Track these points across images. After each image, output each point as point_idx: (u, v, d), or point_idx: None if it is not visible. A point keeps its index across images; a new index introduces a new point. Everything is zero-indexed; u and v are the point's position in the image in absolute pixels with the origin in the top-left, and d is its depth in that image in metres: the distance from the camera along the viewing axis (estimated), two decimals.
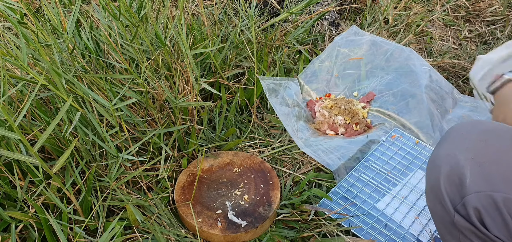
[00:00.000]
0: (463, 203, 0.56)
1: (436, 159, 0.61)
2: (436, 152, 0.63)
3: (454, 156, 0.59)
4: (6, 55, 0.70)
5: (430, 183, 0.62)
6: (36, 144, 0.66)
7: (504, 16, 1.53)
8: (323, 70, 1.23)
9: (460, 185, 0.56)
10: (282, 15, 1.26)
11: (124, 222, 0.78)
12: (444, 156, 0.60)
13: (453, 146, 0.61)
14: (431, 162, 0.63)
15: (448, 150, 0.60)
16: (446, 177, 0.58)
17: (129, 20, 0.87)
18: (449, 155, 0.59)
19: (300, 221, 0.86)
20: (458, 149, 0.59)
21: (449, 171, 0.58)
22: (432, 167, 0.62)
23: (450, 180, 0.58)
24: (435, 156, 0.62)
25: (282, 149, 1.02)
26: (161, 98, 0.94)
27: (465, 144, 0.60)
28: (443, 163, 0.59)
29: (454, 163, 0.58)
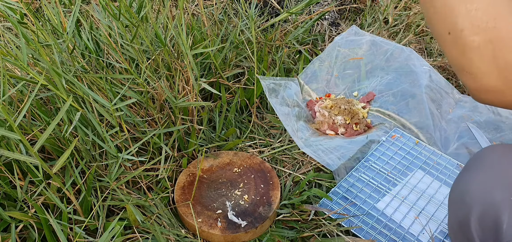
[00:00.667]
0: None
1: (466, 192, 0.53)
2: (465, 183, 0.54)
3: (489, 193, 0.50)
4: (6, 55, 0.70)
5: (457, 217, 0.55)
6: (36, 144, 0.66)
7: None
8: (323, 70, 1.23)
9: (495, 230, 0.49)
10: (282, 15, 1.26)
11: (124, 222, 0.77)
12: (476, 191, 0.52)
13: (487, 180, 0.52)
14: (458, 194, 0.55)
15: (481, 185, 0.52)
16: (478, 217, 0.50)
17: (129, 20, 0.87)
18: (483, 192, 0.51)
19: (300, 221, 0.86)
20: (494, 185, 0.51)
21: (482, 212, 0.50)
22: (460, 201, 0.54)
23: (483, 222, 0.50)
24: (465, 189, 0.54)
25: (282, 149, 1.02)
26: (161, 98, 0.94)
27: (502, 179, 0.51)
28: (475, 200, 0.51)
29: (489, 203, 0.50)
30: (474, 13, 0.46)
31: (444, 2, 0.49)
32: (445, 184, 0.94)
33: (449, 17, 0.48)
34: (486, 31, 0.45)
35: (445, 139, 1.06)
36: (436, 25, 0.51)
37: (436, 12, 0.50)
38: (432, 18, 0.52)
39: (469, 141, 1.04)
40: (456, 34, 0.47)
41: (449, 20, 0.48)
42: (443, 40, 0.50)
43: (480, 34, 0.46)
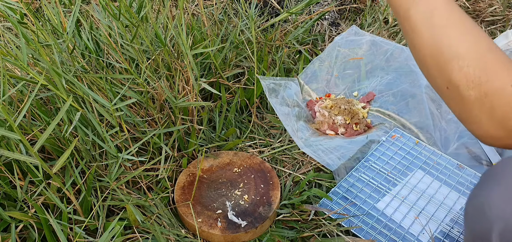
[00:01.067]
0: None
1: (485, 206, 0.51)
2: (485, 195, 0.52)
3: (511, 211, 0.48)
4: (6, 55, 0.70)
5: (474, 232, 0.53)
6: (36, 144, 0.66)
7: (504, 16, 1.53)
8: (323, 70, 1.23)
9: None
10: (282, 15, 1.26)
11: (124, 222, 0.77)
12: (497, 207, 0.49)
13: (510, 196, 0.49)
14: (478, 207, 0.52)
15: (503, 200, 0.49)
16: (500, 234, 0.48)
17: (129, 20, 0.87)
18: (505, 208, 0.49)
19: (300, 221, 0.86)
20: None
21: (504, 228, 0.48)
22: (479, 215, 0.52)
23: (506, 239, 0.48)
24: (484, 203, 0.51)
25: (282, 149, 1.02)
26: (161, 98, 0.94)
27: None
28: (496, 216, 0.49)
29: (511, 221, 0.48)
30: (466, 70, 0.48)
31: (438, 60, 0.51)
32: (445, 184, 0.94)
33: (445, 74, 0.50)
34: (480, 86, 0.47)
35: (445, 139, 1.06)
36: (434, 79, 0.53)
37: (431, 68, 0.52)
38: (430, 74, 0.54)
39: (469, 140, 1.04)
40: (453, 89, 0.50)
41: (445, 76, 0.50)
42: (442, 93, 0.52)
43: (475, 88, 0.48)
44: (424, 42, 0.52)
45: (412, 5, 0.54)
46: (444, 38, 0.51)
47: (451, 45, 0.50)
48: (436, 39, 0.52)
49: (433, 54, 0.51)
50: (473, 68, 0.48)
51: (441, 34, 0.51)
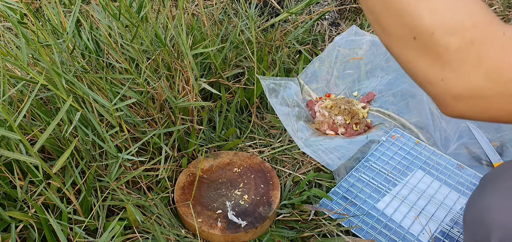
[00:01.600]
0: None
1: (485, 213, 0.50)
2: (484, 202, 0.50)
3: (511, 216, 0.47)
4: (6, 55, 0.70)
5: (474, 238, 0.52)
6: (36, 144, 0.66)
7: (504, 16, 1.53)
8: (323, 70, 1.23)
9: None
10: (282, 15, 1.26)
11: (124, 222, 0.77)
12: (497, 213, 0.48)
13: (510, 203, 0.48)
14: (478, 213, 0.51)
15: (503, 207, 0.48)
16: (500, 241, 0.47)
17: (129, 20, 0.87)
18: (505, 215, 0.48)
19: (300, 221, 0.86)
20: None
21: (503, 236, 0.47)
22: (479, 221, 0.51)
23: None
24: (484, 209, 0.50)
25: (282, 149, 1.02)
26: (161, 98, 0.94)
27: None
28: (496, 223, 0.48)
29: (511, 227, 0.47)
30: (442, 13, 0.39)
31: (401, 5, 0.41)
32: (445, 184, 0.94)
33: (411, 21, 0.40)
34: (464, 31, 0.39)
35: (445, 139, 1.06)
36: (393, 32, 0.43)
37: (392, 18, 0.42)
38: (389, 26, 0.43)
39: (469, 141, 1.04)
40: (424, 38, 0.40)
41: (412, 23, 0.40)
42: (407, 49, 0.42)
43: (457, 35, 0.39)
44: None
45: None
46: None
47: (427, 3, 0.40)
48: None
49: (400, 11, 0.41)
50: (451, 11, 0.39)
51: None
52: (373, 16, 0.45)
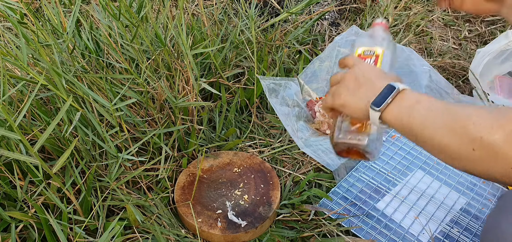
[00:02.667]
0: None
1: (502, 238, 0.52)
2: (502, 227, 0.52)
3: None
4: (6, 55, 0.70)
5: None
6: (36, 144, 0.66)
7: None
8: (323, 70, 1.23)
9: None
10: (282, 15, 1.26)
11: (124, 222, 0.77)
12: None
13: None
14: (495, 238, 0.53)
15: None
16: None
17: (129, 20, 0.87)
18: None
19: (300, 221, 0.86)
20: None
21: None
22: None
23: None
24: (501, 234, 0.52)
25: (282, 149, 1.02)
26: (161, 98, 0.94)
27: None
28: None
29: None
30: (481, 122, 0.49)
31: (454, 131, 0.51)
32: (445, 184, 0.94)
33: (465, 137, 0.50)
34: (503, 126, 0.48)
35: None
36: (458, 151, 0.52)
37: (451, 143, 0.52)
38: (452, 150, 0.52)
39: None
40: (479, 143, 0.49)
41: (467, 138, 0.50)
42: (469, 159, 0.51)
43: (499, 130, 0.48)
44: (436, 127, 0.53)
45: (411, 112, 0.55)
46: (448, 113, 0.52)
47: (458, 112, 0.52)
48: (443, 117, 0.53)
49: (449, 129, 0.52)
50: (485, 118, 0.49)
51: (445, 111, 0.53)
52: (439, 150, 0.54)
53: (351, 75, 0.63)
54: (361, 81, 0.61)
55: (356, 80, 0.62)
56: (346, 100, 0.62)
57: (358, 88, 0.61)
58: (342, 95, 0.62)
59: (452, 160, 0.53)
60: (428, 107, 0.55)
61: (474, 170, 0.51)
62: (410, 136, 0.57)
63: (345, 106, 0.62)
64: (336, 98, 0.63)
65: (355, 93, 0.61)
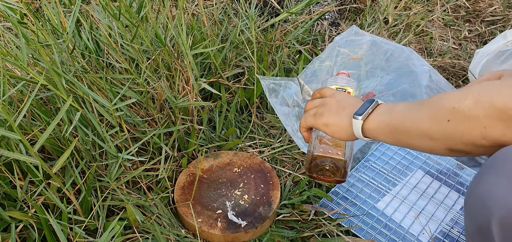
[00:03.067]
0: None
1: (486, 196, 0.52)
2: (485, 186, 0.53)
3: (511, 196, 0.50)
4: (6, 55, 0.70)
5: (476, 223, 0.54)
6: (36, 144, 0.66)
7: (504, 16, 1.53)
8: (323, 70, 1.23)
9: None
10: (282, 15, 1.26)
11: (124, 222, 0.77)
12: (498, 195, 0.51)
13: (510, 185, 0.51)
14: (478, 198, 0.54)
15: (504, 189, 0.51)
16: (500, 222, 0.50)
17: (129, 20, 0.87)
18: (505, 196, 0.50)
19: (300, 221, 0.86)
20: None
21: (504, 216, 0.49)
22: (480, 205, 0.53)
23: (506, 227, 0.49)
24: (485, 192, 0.53)
25: (282, 149, 1.02)
26: (161, 98, 0.94)
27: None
28: (497, 204, 0.50)
29: None
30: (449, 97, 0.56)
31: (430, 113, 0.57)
32: (445, 184, 0.94)
33: (440, 114, 0.56)
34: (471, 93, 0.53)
35: None
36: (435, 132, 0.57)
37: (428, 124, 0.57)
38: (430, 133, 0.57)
39: None
40: (454, 113, 0.54)
41: (441, 116, 0.56)
42: (450, 132, 0.55)
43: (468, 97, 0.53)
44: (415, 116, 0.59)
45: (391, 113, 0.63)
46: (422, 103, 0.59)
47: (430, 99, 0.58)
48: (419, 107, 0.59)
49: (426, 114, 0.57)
50: (454, 93, 0.55)
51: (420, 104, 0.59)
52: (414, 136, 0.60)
53: (332, 99, 0.71)
54: (344, 104, 0.69)
55: (338, 103, 0.70)
56: (329, 120, 0.69)
57: (341, 110, 0.68)
58: (324, 116, 0.69)
59: (434, 141, 0.58)
60: (405, 106, 0.61)
61: (455, 144, 0.56)
62: (392, 134, 0.62)
63: (328, 125, 0.69)
64: (318, 118, 0.70)
65: (338, 113, 0.68)
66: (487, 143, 0.54)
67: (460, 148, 0.56)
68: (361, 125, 0.65)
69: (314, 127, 0.72)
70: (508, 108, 0.50)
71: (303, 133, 0.76)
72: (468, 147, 0.56)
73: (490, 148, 0.54)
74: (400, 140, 0.62)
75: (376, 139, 0.65)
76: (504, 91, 0.51)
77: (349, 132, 0.67)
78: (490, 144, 0.54)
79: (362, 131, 0.65)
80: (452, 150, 0.57)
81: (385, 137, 0.64)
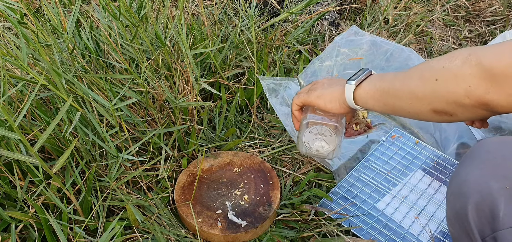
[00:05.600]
0: (494, 236, 0.51)
1: (463, 184, 0.56)
2: (462, 175, 0.57)
3: (485, 183, 0.53)
4: (6, 55, 0.70)
5: (454, 209, 0.57)
6: (36, 144, 0.66)
7: (504, 16, 1.53)
8: (323, 70, 1.23)
9: (491, 217, 0.51)
10: (282, 15, 1.26)
11: (124, 222, 0.78)
12: (473, 182, 0.54)
13: (485, 171, 0.54)
14: (456, 186, 0.57)
15: (478, 175, 0.54)
16: (475, 206, 0.53)
17: (129, 20, 0.87)
18: (480, 182, 0.53)
19: (300, 221, 0.86)
20: (491, 175, 0.53)
21: (479, 200, 0.52)
22: (457, 193, 0.56)
23: (480, 211, 0.52)
24: (462, 181, 0.56)
25: (282, 149, 1.02)
26: (161, 98, 0.94)
27: (499, 170, 0.54)
28: (472, 190, 0.54)
29: (485, 192, 0.52)
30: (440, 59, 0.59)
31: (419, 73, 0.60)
32: (445, 184, 0.94)
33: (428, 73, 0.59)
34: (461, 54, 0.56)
35: (445, 139, 1.05)
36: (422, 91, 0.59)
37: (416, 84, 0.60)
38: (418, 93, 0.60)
39: (469, 141, 1.04)
40: (442, 72, 0.57)
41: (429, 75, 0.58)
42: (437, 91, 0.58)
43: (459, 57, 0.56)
44: (405, 78, 0.62)
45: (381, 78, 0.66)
46: (412, 68, 0.62)
47: (421, 63, 0.61)
48: (409, 71, 0.62)
49: (415, 75, 0.60)
50: (444, 56, 0.58)
51: (410, 69, 0.62)
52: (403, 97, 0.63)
53: (324, 79, 0.76)
54: (335, 81, 0.74)
55: (331, 80, 0.75)
56: (322, 92, 0.73)
57: (331, 85, 0.73)
58: (317, 90, 0.73)
59: (420, 102, 0.60)
60: (396, 72, 0.65)
61: (439, 103, 0.58)
62: (382, 97, 0.65)
63: (321, 97, 0.73)
64: (311, 93, 0.74)
65: (330, 86, 0.73)
66: (470, 102, 0.55)
67: (444, 107, 0.58)
68: (353, 90, 0.68)
69: (306, 102, 0.75)
70: (493, 67, 0.52)
71: (295, 111, 0.79)
72: (451, 106, 0.57)
73: (472, 107, 0.55)
74: (388, 102, 0.65)
75: (366, 105, 0.68)
76: (491, 51, 0.53)
77: (341, 99, 0.70)
78: (473, 103, 0.55)
79: (353, 98, 0.68)
80: (436, 111, 0.59)
81: (375, 101, 0.66)
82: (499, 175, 0.53)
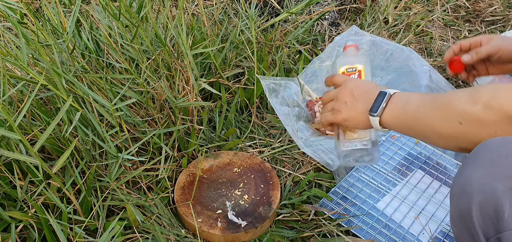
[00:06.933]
0: (499, 237, 0.51)
1: (466, 184, 0.55)
2: (466, 175, 0.56)
3: (490, 184, 0.52)
4: (6, 55, 0.70)
5: (457, 209, 0.57)
6: (36, 144, 0.66)
7: (504, 16, 1.53)
8: (323, 70, 1.23)
9: (496, 218, 0.51)
10: (282, 15, 1.26)
11: (124, 222, 0.78)
12: (477, 182, 0.54)
13: (488, 171, 0.54)
14: (460, 186, 0.57)
15: (482, 175, 0.54)
16: (479, 206, 0.52)
17: (129, 20, 0.87)
18: (484, 182, 0.53)
19: (300, 221, 0.86)
20: (495, 175, 0.53)
21: (483, 201, 0.52)
22: (461, 193, 0.56)
23: (484, 211, 0.52)
24: (466, 180, 0.56)
25: (282, 149, 1.02)
26: (161, 98, 0.94)
27: (504, 170, 0.53)
28: (476, 190, 0.53)
29: (489, 192, 0.52)
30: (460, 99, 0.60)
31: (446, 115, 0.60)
32: (445, 184, 0.94)
33: (451, 114, 0.60)
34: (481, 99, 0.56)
35: None
36: (447, 131, 0.61)
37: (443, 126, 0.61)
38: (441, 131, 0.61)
39: None
40: (465, 116, 0.58)
41: (452, 116, 0.59)
42: (461, 133, 0.59)
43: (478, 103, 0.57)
44: (427, 114, 0.63)
45: (405, 109, 0.66)
46: (435, 101, 0.62)
47: (442, 98, 0.62)
48: (432, 105, 0.62)
49: (438, 113, 0.61)
50: (464, 95, 0.59)
51: (432, 100, 0.63)
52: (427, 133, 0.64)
53: (345, 91, 0.73)
54: (356, 95, 0.72)
55: (351, 95, 0.72)
56: (347, 115, 0.72)
57: (354, 101, 0.71)
58: (342, 111, 0.72)
59: (445, 140, 0.62)
60: (419, 101, 0.65)
61: (464, 143, 0.60)
62: (406, 129, 0.67)
63: (348, 120, 0.72)
64: (337, 114, 0.73)
65: (353, 107, 0.71)
66: None
67: (469, 146, 0.59)
68: (378, 120, 0.68)
69: (334, 123, 0.75)
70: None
71: (327, 127, 0.80)
72: (476, 145, 0.59)
73: None
74: (414, 135, 0.67)
75: (393, 129, 0.70)
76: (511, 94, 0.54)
77: (367, 123, 0.71)
78: None
79: (380, 124, 0.69)
80: (462, 148, 0.61)
81: (400, 130, 0.68)
82: (503, 175, 0.53)
